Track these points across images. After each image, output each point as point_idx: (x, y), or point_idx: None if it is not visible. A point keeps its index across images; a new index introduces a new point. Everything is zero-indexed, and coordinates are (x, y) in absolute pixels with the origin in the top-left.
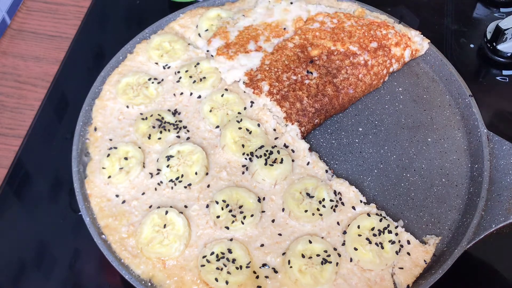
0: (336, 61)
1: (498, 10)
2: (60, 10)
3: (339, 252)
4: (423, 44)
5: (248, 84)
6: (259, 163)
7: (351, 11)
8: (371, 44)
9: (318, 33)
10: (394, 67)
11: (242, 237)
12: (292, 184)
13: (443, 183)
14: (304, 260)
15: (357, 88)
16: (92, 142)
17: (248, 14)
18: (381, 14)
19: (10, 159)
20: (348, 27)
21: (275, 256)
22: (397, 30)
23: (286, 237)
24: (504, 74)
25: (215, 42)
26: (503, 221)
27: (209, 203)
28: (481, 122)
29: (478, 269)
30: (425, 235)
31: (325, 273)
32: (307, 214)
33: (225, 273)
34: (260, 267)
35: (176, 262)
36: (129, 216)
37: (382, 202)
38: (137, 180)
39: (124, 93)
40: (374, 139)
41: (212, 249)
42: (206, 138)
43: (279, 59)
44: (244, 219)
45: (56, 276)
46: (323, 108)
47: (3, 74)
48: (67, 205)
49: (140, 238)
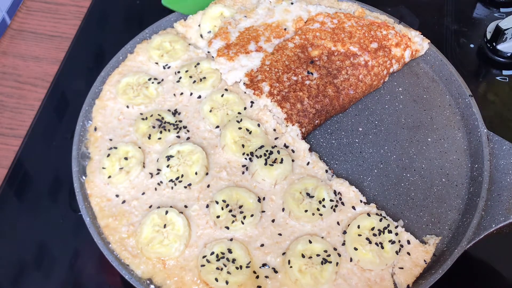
0: (336, 62)
1: (498, 10)
2: (60, 10)
3: (339, 252)
4: (423, 45)
5: (249, 85)
6: (259, 163)
7: (351, 11)
8: (372, 44)
9: (318, 33)
10: (394, 67)
11: (242, 237)
12: (292, 184)
13: (443, 183)
14: (304, 260)
15: (358, 89)
16: (92, 142)
17: (250, 15)
18: (381, 14)
19: (10, 159)
20: (349, 27)
21: (275, 256)
22: (397, 30)
23: (286, 237)
24: (504, 74)
25: (216, 43)
26: (503, 221)
27: (209, 203)
28: (481, 122)
29: (478, 269)
30: (425, 235)
31: (325, 273)
32: (307, 214)
33: (225, 273)
34: (260, 267)
35: (176, 262)
36: (129, 216)
37: (382, 202)
38: (137, 180)
39: (124, 93)
40: (374, 139)
41: (212, 249)
42: (206, 138)
43: (279, 60)
44: (244, 219)
45: (56, 276)
46: (323, 109)
47: (3, 74)
48: (67, 205)
49: (140, 238)
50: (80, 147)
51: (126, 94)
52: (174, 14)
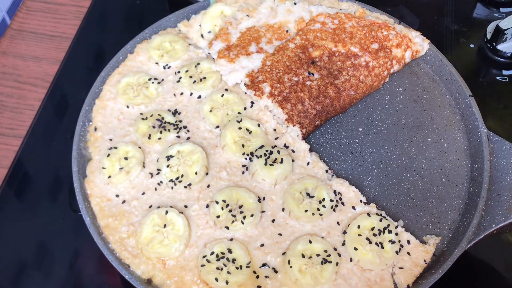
0: (337, 62)
1: (498, 10)
2: (60, 10)
3: (339, 252)
4: (423, 45)
5: (250, 86)
6: (259, 163)
7: (352, 12)
8: (372, 45)
9: (319, 33)
10: (395, 68)
11: (242, 237)
12: (292, 184)
13: (443, 183)
14: (304, 260)
15: (358, 90)
16: (92, 142)
17: (253, 14)
18: (381, 14)
19: (10, 159)
20: (349, 28)
21: (275, 256)
22: (398, 31)
23: (286, 237)
24: (504, 74)
25: (216, 44)
26: (503, 221)
27: (209, 203)
28: (481, 122)
29: (478, 269)
30: (425, 235)
31: (325, 273)
32: (307, 214)
33: (225, 273)
34: (260, 267)
35: (176, 262)
36: (129, 216)
37: (382, 202)
38: (137, 180)
39: (124, 93)
40: (374, 139)
41: (212, 249)
42: (206, 138)
43: (280, 60)
44: (244, 219)
45: (56, 276)
46: (324, 109)
47: (3, 74)
48: (67, 205)
49: (140, 238)
50: (80, 147)
51: (126, 94)
52: (174, 14)
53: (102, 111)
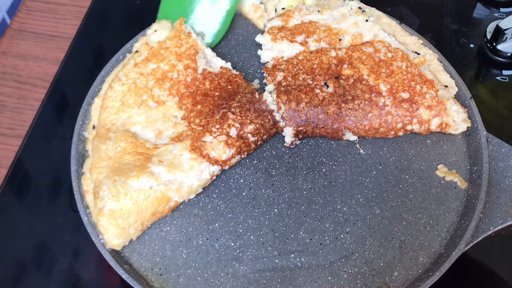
0: (357, 90)
1: (498, 10)
2: (60, 10)
3: None
4: (459, 125)
5: (269, 69)
6: None
7: (414, 48)
8: (403, 93)
9: (364, 57)
10: (414, 127)
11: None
12: None
13: (441, 185)
14: None
15: (359, 125)
16: (90, 140)
17: (323, 11)
18: (382, 15)
19: (10, 159)
20: (396, 67)
21: None
22: (439, 94)
23: None
24: (504, 74)
25: (275, 20)
26: (501, 224)
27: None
28: (481, 124)
29: (476, 271)
30: (424, 237)
31: None
32: None
33: None
34: None
35: None
36: None
37: (381, 203)
38: None
39: None
40: (373, 140)
41: None
42: None
43: (311, 60)
44: None
45: (56, 276)
46: (314, 121)
47: (3, 74)
48: (67, 205)
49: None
50: (79, 146)
51: None
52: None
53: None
